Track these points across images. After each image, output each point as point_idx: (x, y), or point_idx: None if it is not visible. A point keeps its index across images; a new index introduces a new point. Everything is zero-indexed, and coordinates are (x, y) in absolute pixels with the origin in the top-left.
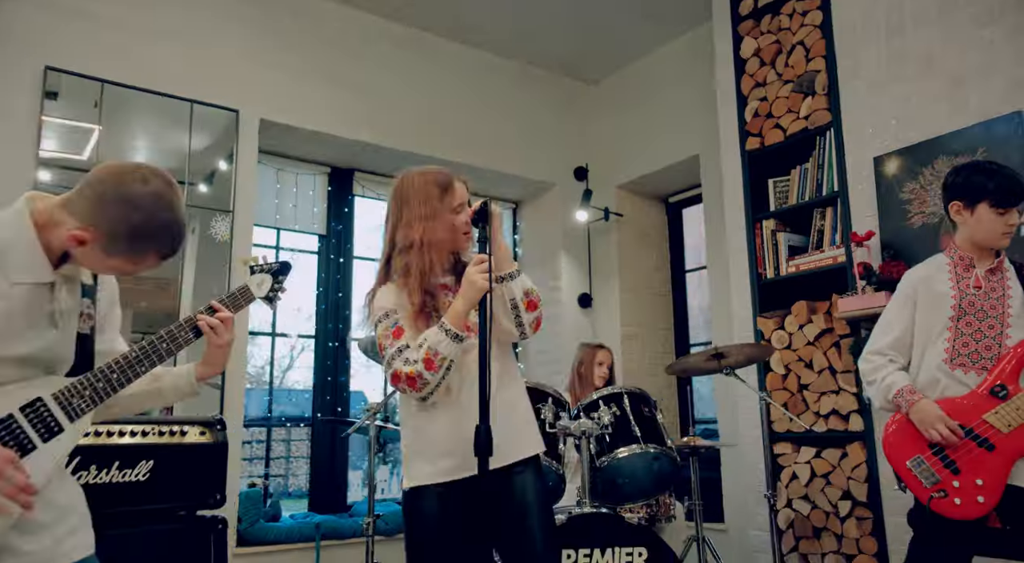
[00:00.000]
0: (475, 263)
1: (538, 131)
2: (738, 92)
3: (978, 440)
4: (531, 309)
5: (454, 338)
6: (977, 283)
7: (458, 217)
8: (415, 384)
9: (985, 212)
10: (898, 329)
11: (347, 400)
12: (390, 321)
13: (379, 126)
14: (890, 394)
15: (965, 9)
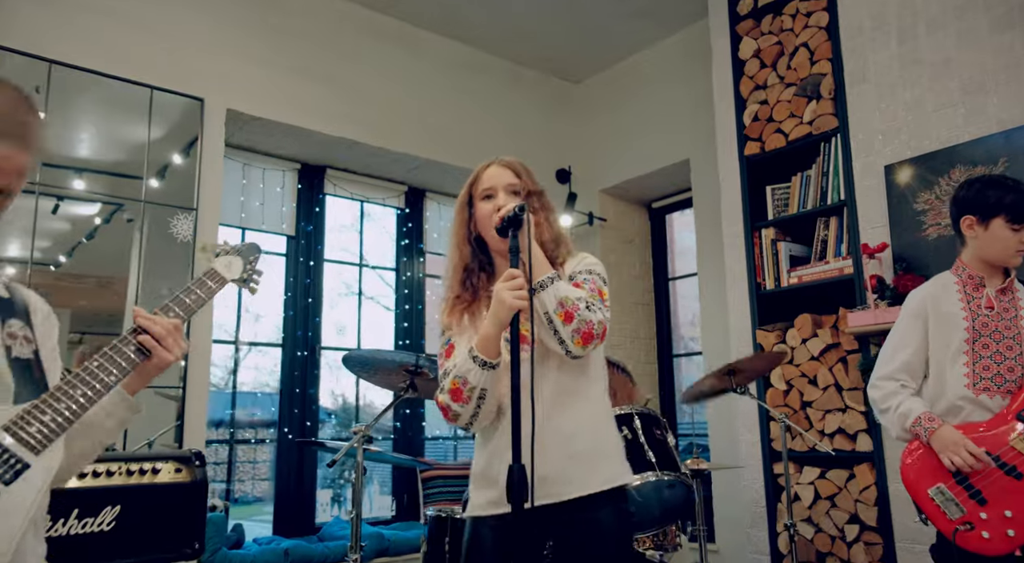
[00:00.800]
0: (505, 278)
1: (520, 131)
2: (736, 94)
3: (1005, 468)
4: (568, 321)
5: (482, 365)
6: (989, 304)
7: (482, 205)
8: (447, 415)
9: (1000, 228)
10: (908, 351)
11: (316, 414)
12: (444, 339)
13: (354, 120)
14: (907, 422)
15: (983, 13)
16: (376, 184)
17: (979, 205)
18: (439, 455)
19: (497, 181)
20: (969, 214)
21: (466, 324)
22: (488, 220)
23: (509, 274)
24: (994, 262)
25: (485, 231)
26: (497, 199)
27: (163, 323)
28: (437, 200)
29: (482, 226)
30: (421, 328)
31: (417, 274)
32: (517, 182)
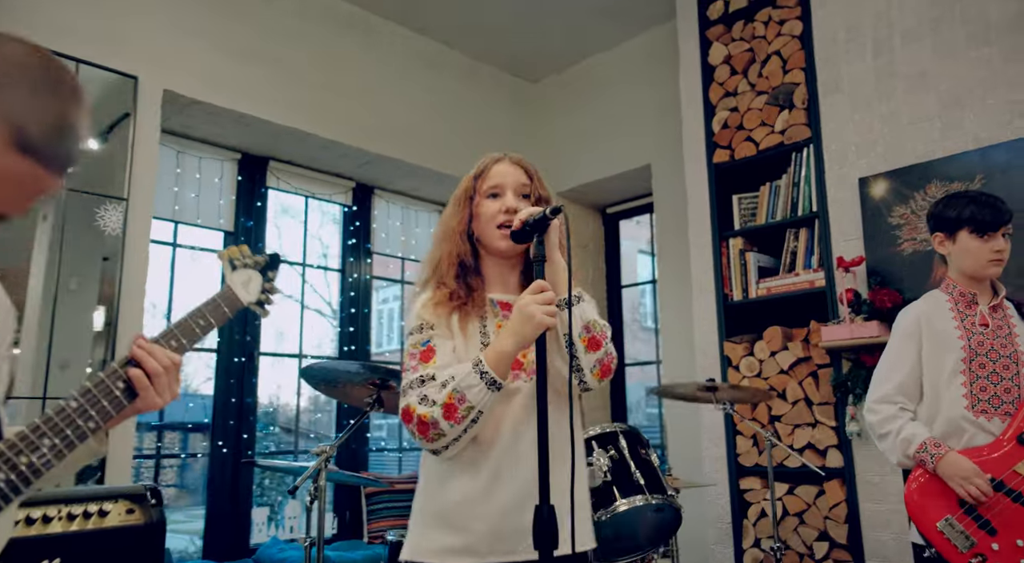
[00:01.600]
0: (534, 291)
1: (475, 129)
2: (705, 100)
3: (1012, 494)
4: (593, 348)
5: (490, 384)
6: (983, 321)
7: (487, 203)
8: (427, 432)
9: (967, 240)
10: (904, 371)
11: (253, 426)
12: (422, 337)
13: (303, 109)
14: (911, 449)
15: (960, 26)
16: (322, 179)
17: (943, 221)
18: (384, 469)
19: (507, 179)
20: (938, 231)
21: (454, 326)
22: (491, 221)
23: (538, 286)
24: (973, 275)
25: (485, 231)
26: (505, 199)
27: (161, 357)
28: (386, 198)
29: (483, 225)
30: (367, 334)
31: (364, 276)
32: (528, 184)
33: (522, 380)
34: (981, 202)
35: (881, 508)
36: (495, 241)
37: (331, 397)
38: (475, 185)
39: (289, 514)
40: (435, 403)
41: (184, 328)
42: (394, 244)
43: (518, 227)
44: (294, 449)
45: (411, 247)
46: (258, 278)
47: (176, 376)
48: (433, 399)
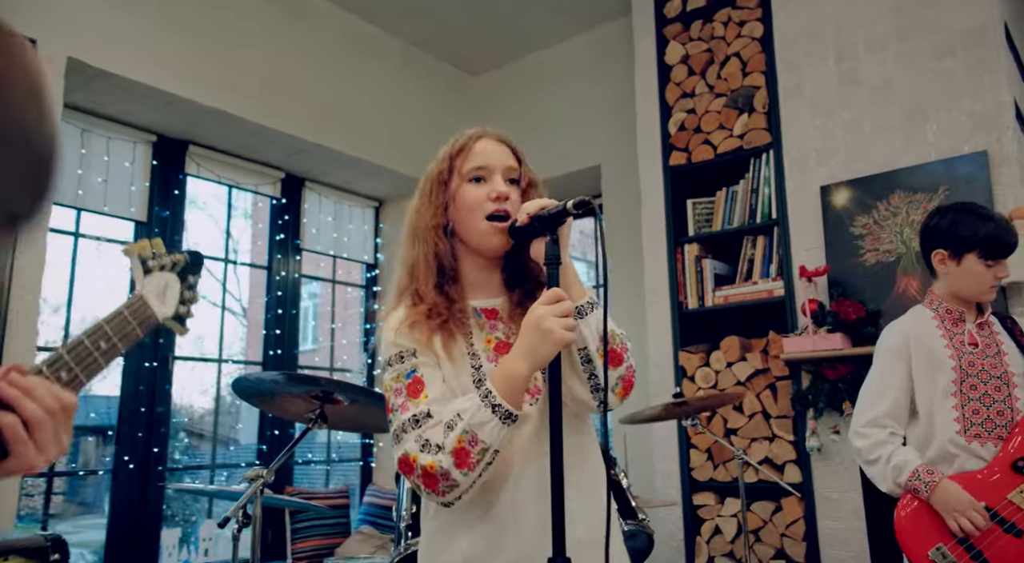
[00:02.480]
0: (549, 300)
1: (411, 121)
2: (661, 101)
3: (1004, 525)
4: (614, 363)
5: (505, 418)
6: (972, 340)
7: (470, 188)
8: (436, 485)
9: (973, 263)
10: (894, 392)
11: (165, 438)
12: (404, 368)
13: (230, 90)
14: (902, 477)
15: (924, 37)
16: (248, 167)
17: (951, 239)
18: (310, 483)
19: (494, 160)
20: (941, 248)
21: (438, 349)
22: (476, 210)
23: (555, 295)
24: (967, 298)
25: (468, 224)
26: (493, 183)
27: (45, 399)
28: (317, 191)
29: (464, 216)
30: (295, 336)
31: (292, 274)
32: (517, 168)
33: (528, 404)
34: (996, 223)
35: (839, 526)
36: (483, 236)
37: (265, 410)
38: (451, 166)
39: (204, 535)
40: (442, 449)
41: (80, 354)
42: (325, 241)
43: (524, 222)
44: (211, 463)
45: (343, 245)
46: (176, 284)
47: (66, 423)
48: (438, 444)
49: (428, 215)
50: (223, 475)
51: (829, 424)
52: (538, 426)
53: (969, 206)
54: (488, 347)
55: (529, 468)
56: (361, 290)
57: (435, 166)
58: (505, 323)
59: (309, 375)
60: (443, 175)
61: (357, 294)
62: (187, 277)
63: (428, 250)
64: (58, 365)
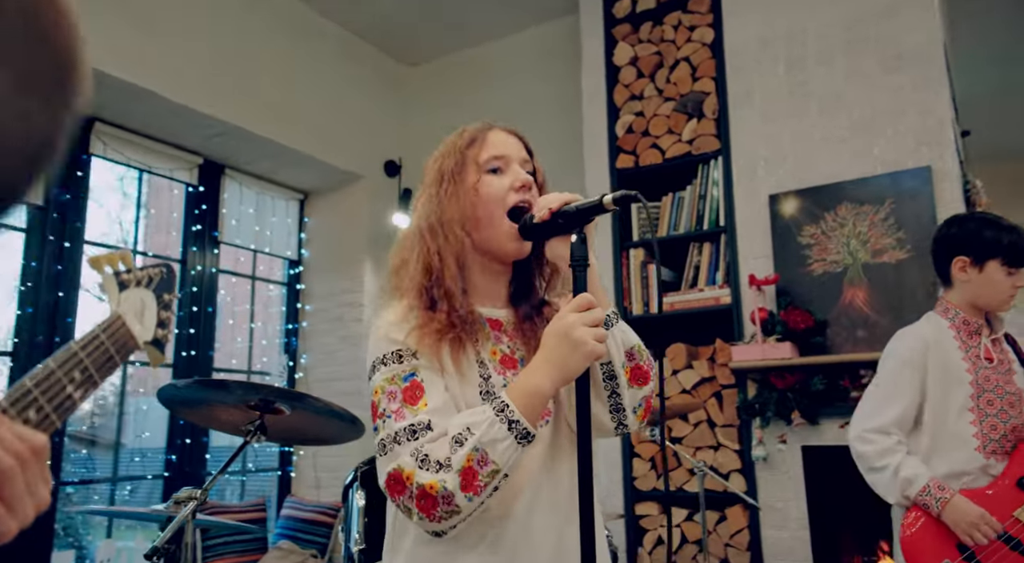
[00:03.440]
0: (579, 307)
1: (346, 111)
2: (609, 102)
3: (1011, 543)
4: (638, 382)
5: (521, 437)
6: (988, 355)
7: (490, 179)
8: (433, 509)
9: (996, 270)
10: (903, 403)
11: (60, 449)
12: (403, 369)
13: (145, 63)
14: (911, 490)
15: (873, 52)
16: (163, 150)
17: (974, 245)
18: (222, 495)
19: (511, 150)
20: (962, 255)
21: (446, 361)
22: (499, 203)
23: (585, 301)
24: (985, 307)
25: (488, 220)
26: (513, 173)
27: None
28: (238, 179)
29: (485, 210)
30: (211, 336)
31: (209, 269)
32: (531, 161)
33: None
34: (1017, 232)
35: (783, 535)
36: (502, 237)
37: (195, 422)
38: (464, 158)
39: (102, 557)
40: (445, 467)
41: (50, 387)
42: (246, 234)
43: (545, 218)
44: (112, 476)
45: (265, 239)
46: (153, 303)
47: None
48: (439, 461)
49: (453, 208)
50: (126, 489)
51: (775, 433)
52: (546, 450)
53: (988, 215)
54: (494, 359)
55: (541, 494)
56: (283, 287)
57: (444, 160)
58: (510, 336)
59: (248, 382)
60: (459, 164)
61: (279, 292)
62: (162, 295)
63: (450, 247)
64: (24, 402)
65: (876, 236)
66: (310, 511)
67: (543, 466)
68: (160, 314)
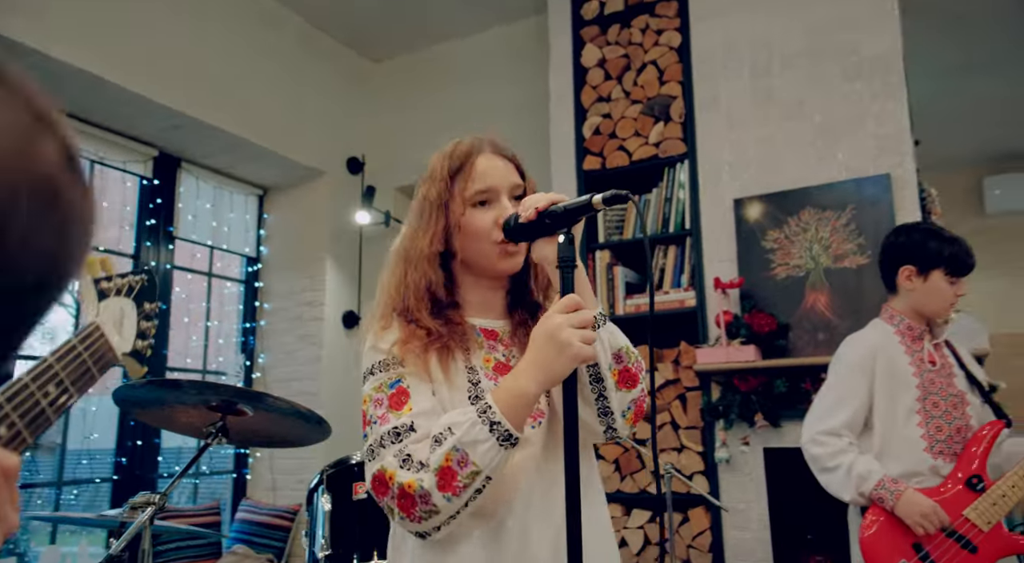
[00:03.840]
0: (566, 308)
1: (308, 106)
2: (577, 103)
3: (961, 541)
4: (627, 385)
5: (503, 439)
6: (931, 358)
7: (476, 214)
8: (412, 509)
9: (940, 279)
10: (854, 405)
11: None
12: (389, 376)
13: (100, 50)
14: (867, 486)
15: (835, 60)
16: (115, 141)
17: (919, 255)
18: (174, 499)
19: (499, 180)
20: (908, 264)
21: (433, 369)
22: (485, 239)
23: (572, 303)
24: (929, 314)
25: (476, 251)
26: (501, 208)
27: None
28: (195, 172)
29: (471, 244)
30: (164, 335)
31: (163, 265)
32: (522, 184)
33: (529, 426)
34: (959, 243)
35: (746, 536)
36: (493, 263)
37: (148, 423)
38: (450, 188)
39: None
40: (424, 466)
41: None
42: (203, 230)
43: (531, 218)
44: (58, 479)
45: (223, 235)
46: (132, 312)
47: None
48: (420, 461)
49: (425, 242)
50: (72, 493)
51: (739, 435)
52: (539, 452)
53: (932, 227)
54: (487, 365)
55: (534, 500)
56: (240, 285)
57: (430, 187)
58: (506, 345)
59: (210, 382)
60: (442, 197)
61: (236, 289)
62: (143, 304)
63: (420, 280)
64: None
65: (837, 241)
66: (266, 514)
67: (538, 467)
68: (140, 324)
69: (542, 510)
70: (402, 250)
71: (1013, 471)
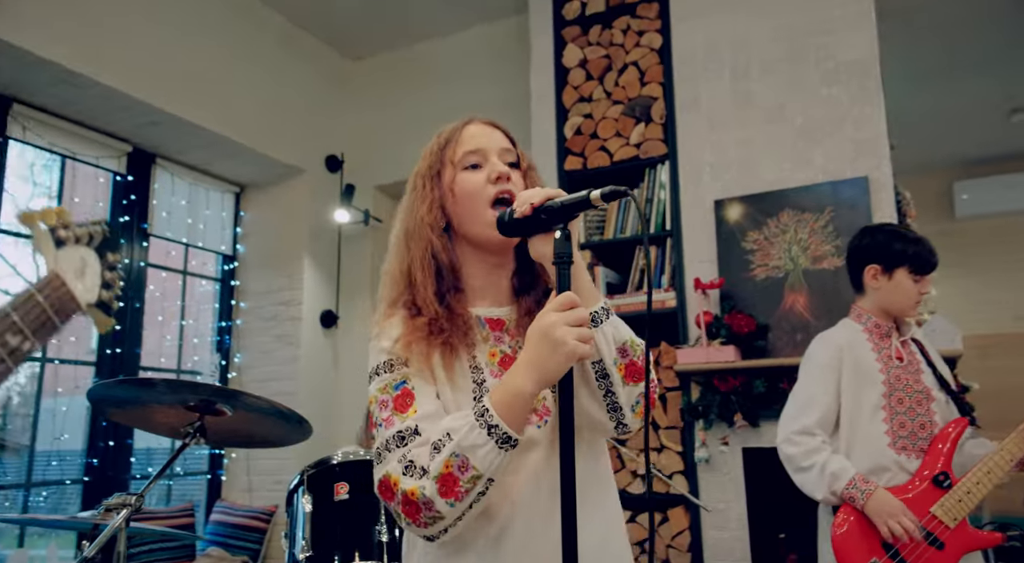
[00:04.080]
0: (561, 306)
1: (288, 103)
2: (558, 103)
3: (929, 538)
4: (633, 379)
5: (502, 441)
6: (898, 355)
7: (467, 176)
8: (417, 515)
9: (904, 278)
10: (824, 404)
11: None
12: (394, 378)
13: (73, 41)
14: (839, 484)
15: (814, 64)
16: (89, 136)
17: (884, 255)
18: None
19: (486, 142)
20: (875, 263)
21: (438, 369)
22: (478, 197)
23: (568, 300)
24: (895, 312)
25: (470, 214)
26: (492, 164)
27: None
28: (170, 169)
29: (465, 207)
30: (138, 333)
31: (137, 262)
32: (513, 150)
33: (535, 426)
34: (922, 242)
35: (724, 535)
36: (485, 228)
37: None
38: (442, 158)
39: None
40: (426, 473)
41: None
42: (178, 227)
43: (526, 213)
44: (26, 481)
45: (198, 233)
46: (95, 262)
47: None
48: (423, 467)
49: (423, 211)
50: (40, 496)
51: (718, 435)
52: (548, 452)
53: (897, 228)
54: (492, 361)
55: (542, 498)
56: (216, 284)
57: (424, 162)
58: (512, 335)
59: (188, 382)
60: (434, 167)
61: (211, 288)
62: (106, 255)
63: (424, 250)
64: None
65: (816, 243)
66: (241, 516)
67: (544, 469)
68: (104, 275)
69: (550, 508)
70: (402, 228)
71: (977, 467)
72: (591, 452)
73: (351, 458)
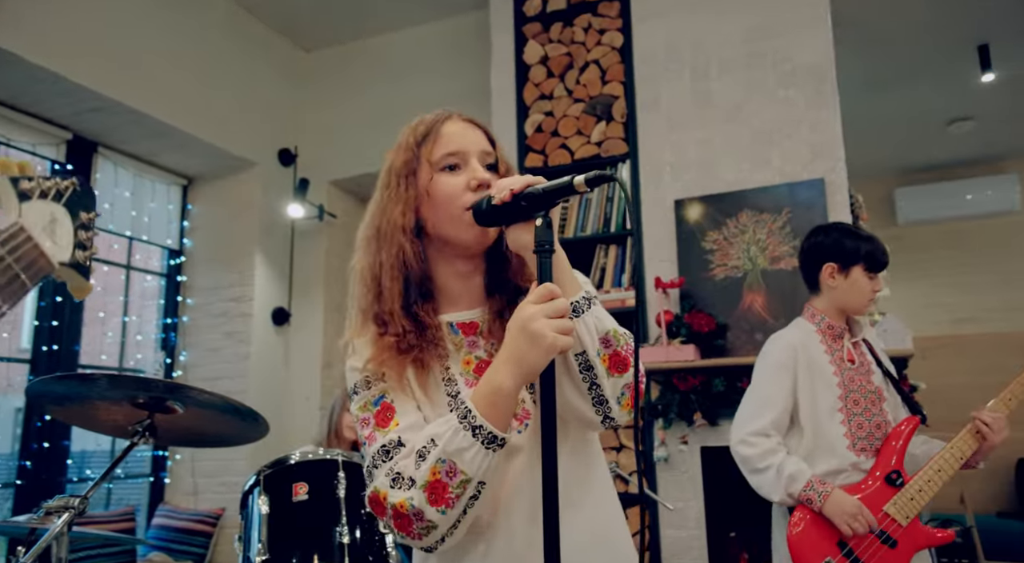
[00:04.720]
0: (541, 298)
1: (236, 92)
2: (519, 101)
3: (882, 536)
4: (617, 370)
5: (488, 442)
6: (850, 356)
7: (444, 178)
8: (410, 527)
9: (860, 276)
10: (779, 404)
11: None
12: (372, 394)
13: (10, 22)
14: (796, 487)
15: (771, 67)
16: (24, 122)
17: (840, 253)
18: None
19: (467, 143)
20: (831, 261)
21: (412, 386)
22: (455, 202)
23: (547, 291)
24: (850, 310)
25: (446, 218)
26: (472, 168)
27: None
28: (113, 159)
29: (441, 211)
30: (77, 330)
31: None
32: (493, 152)
33: (515, 430)
34: (874, 240)
35: (682, 535)
36: (461, 233)
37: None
38: (418, 155)
39: None
40: (414, 484)
41: None
42: (121, 220)
43: (505, 199)
44: None
45: (143, 226)
46: (67, 219)
47: None
48: (410, 477)
49: (396, 214)
50: None
51: (677, 434)
52: (533, 456)
53: (848, 226)
54: (467, 369)
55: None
56: (162, 279)
57: (396, 155)
58: (486, 338)
59: (136, 377)
60: (410, 165)
61: (156, 283)
62: (78, 213)
63: (396, 256)
64: None
65: (774, 243)
66: (185, 519)
67: (530, 474)
68: (78, 234)
69: (533, 515)
70: (372, 228)
71: (928, 465)
72: (579, 451)
73: (310, 457)
